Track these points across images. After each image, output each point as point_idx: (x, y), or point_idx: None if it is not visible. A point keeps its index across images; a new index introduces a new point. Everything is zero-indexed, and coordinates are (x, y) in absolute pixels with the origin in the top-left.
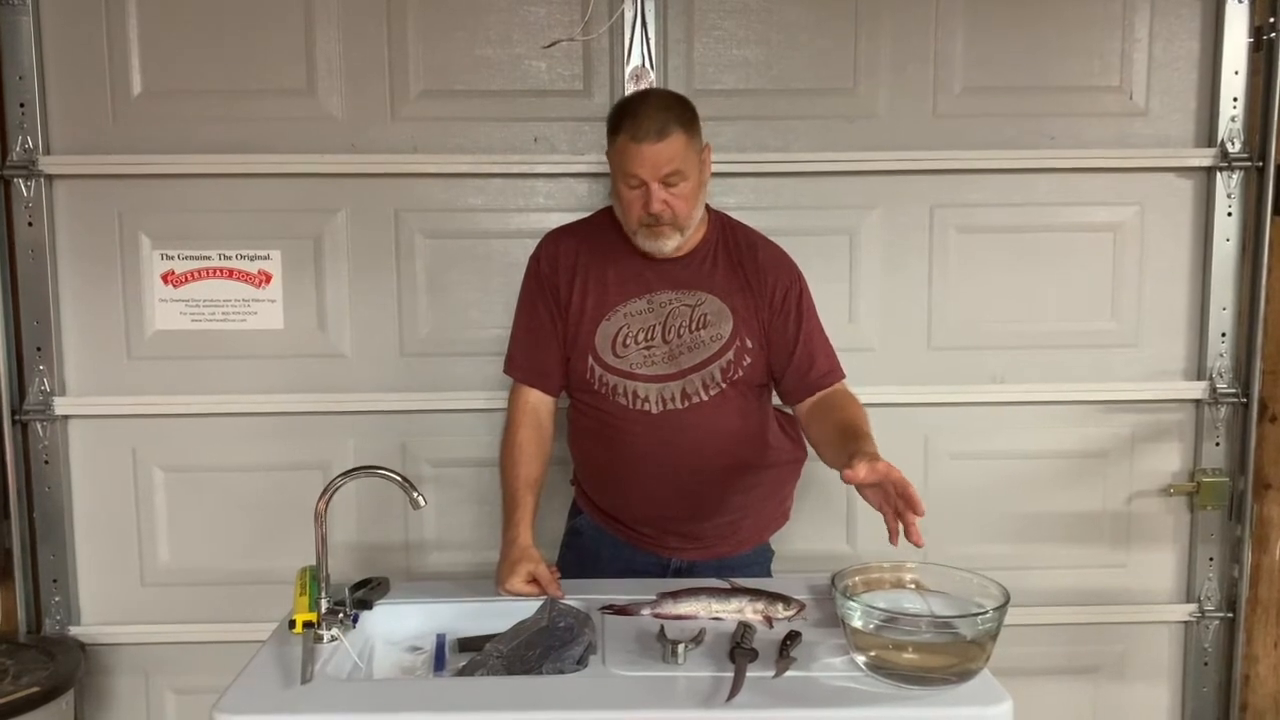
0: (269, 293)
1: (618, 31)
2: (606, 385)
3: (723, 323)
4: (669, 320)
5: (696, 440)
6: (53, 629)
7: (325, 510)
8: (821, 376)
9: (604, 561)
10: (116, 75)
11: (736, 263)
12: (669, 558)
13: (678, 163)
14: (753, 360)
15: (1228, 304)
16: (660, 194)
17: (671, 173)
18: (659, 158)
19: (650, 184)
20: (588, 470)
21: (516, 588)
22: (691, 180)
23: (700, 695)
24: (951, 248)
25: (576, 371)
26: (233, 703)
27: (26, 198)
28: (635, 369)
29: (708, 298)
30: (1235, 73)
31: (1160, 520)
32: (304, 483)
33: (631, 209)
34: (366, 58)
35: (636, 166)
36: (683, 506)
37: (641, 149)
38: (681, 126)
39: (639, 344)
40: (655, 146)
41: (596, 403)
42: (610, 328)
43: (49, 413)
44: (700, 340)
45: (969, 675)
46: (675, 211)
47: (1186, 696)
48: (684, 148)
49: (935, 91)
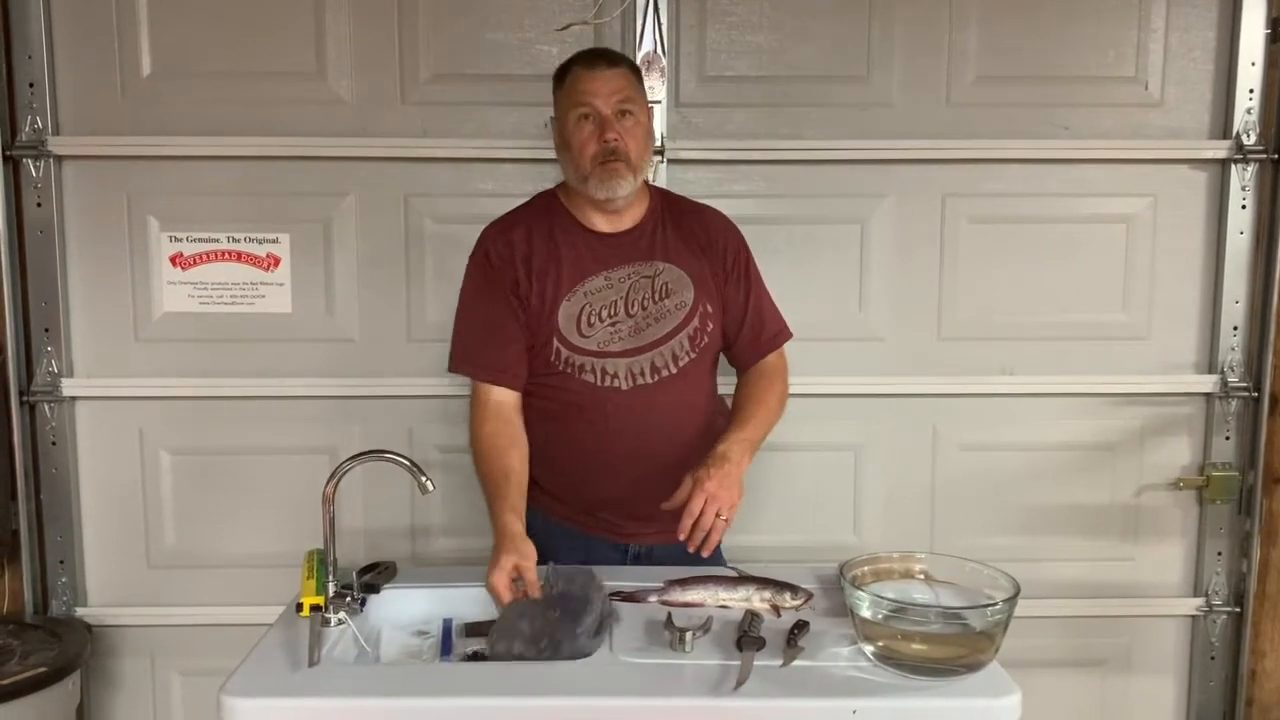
0: (277, 276)
1: (630, 16)
2: (573, 365)
3: (684, 290)
4: (630, 294)
5: (665, 414)
6: (59, 610)
7: (333, 494)
8: (772, 338)
9: (560, 554)
10: (126, 56)
11: (685, 228)
12: (626, 544)
13: (629, 91)
14: (714, 325)
15: (1240, 297)
16: (614, 124)
17: (624, 100)
18: (612, 84)
19: (604, 112)
20: (542, 457)
21: (495, 581)
22: (641, 122)
23: (707, 683)
24: (963, 238)
25: (540, 357)
26: (240, 685)
27: (35, 178)
28: (604, 346)
29: (665, 266)
30: (1252, 64)
31: (1169, 514)
32: (311, 466)
33: (586, 146)
34: (377, 41)
35: (590, 94)
36: (647, 485)
37: (595, 73)
38: (630, 67)
39: (604, 321)
40: (608, 72)
41: (561, 384)
42: (572, 308)
43: (56, 394)
44: (665, 310)
45: (978, 666)
46: (628, 148)
47: (1193, 690)
48: (634, 82)
49: (948, 80)
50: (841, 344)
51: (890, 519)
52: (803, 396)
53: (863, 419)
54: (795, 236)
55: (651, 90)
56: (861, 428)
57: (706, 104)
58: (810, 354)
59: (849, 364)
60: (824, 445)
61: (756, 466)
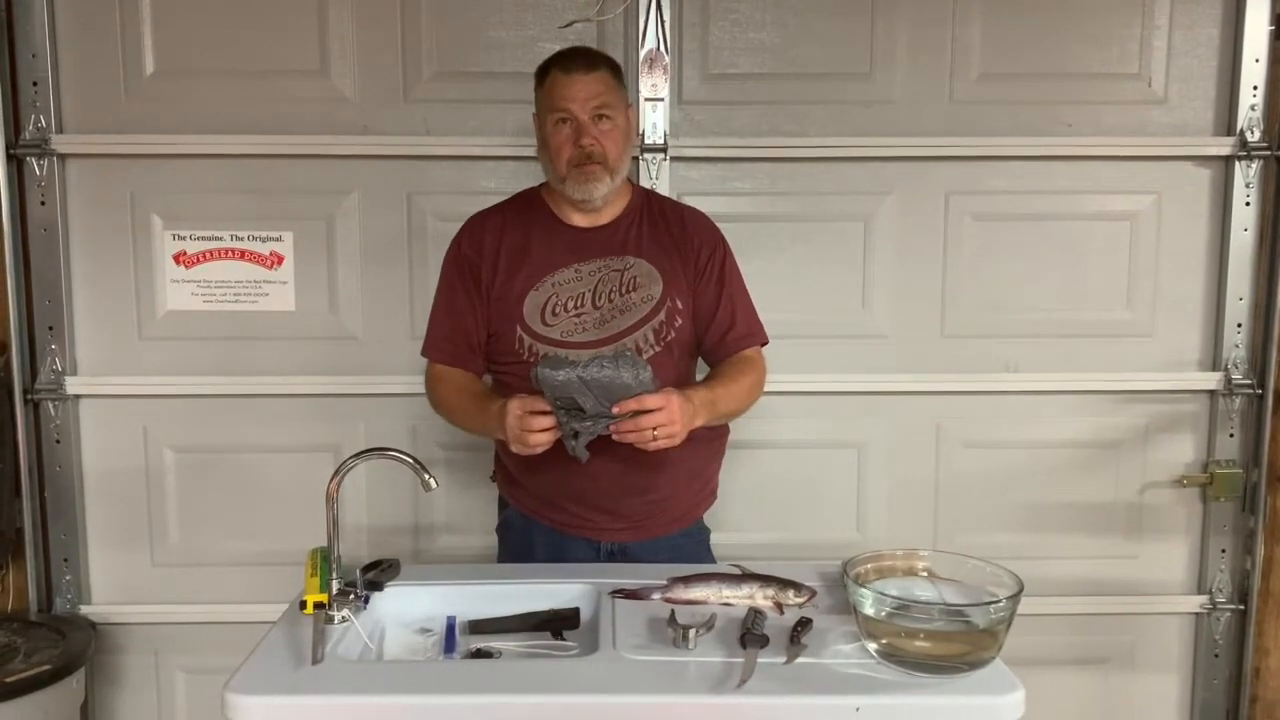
0: (280, 274)
1: (632, 14)
2: (535, 354)
3: (653, 284)
4: (599, 286)
5: None
6: (63, 608)
7: (337, 491)
8: (740, 338)
9: (537, 551)
10: (129, 55)
11: (662, 226)
12: (600, 541)
13: (606, 96)
14: (683, 321)
15: (1244, 294)
16: (590, 129)
17: (600, 105)
18: (589, 89)
19: (581, 118)
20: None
21: (513, 408)
22: (619, 125)
23: (711, 680)
24: (966, 235)
25: (505, 342)
26: (243, 682)
27: (39, 177)
28: (566, 336)
29: (636, 261)
30: (1256, 61)
31: (1173, 511)
32: (315, 464)
33: (562, 150)
34: (379, 39)
35: (567, 99)
36: (615, 479)
37: (571, 78)
38: (609, 69)
39: (569, 312)
40: (585, 77)
41: (523, 372)
42: (539, 298)
43: (60, 392)
44: (631, 303)
45: (981, 664)
46: (605, 151)
47: (1197, 688)
48: (612, 85)
49: (952, 77)
50: (845, 341)
51: (894, 516)
52: (806, 394)
53: (866, 416)
54: (798, 234)
55: (654, 88)
56: (865, 425)
57: (709, 101)
58: (814, 351)
59: (852, 361)
60: (827, 442)
61: (760, 462)
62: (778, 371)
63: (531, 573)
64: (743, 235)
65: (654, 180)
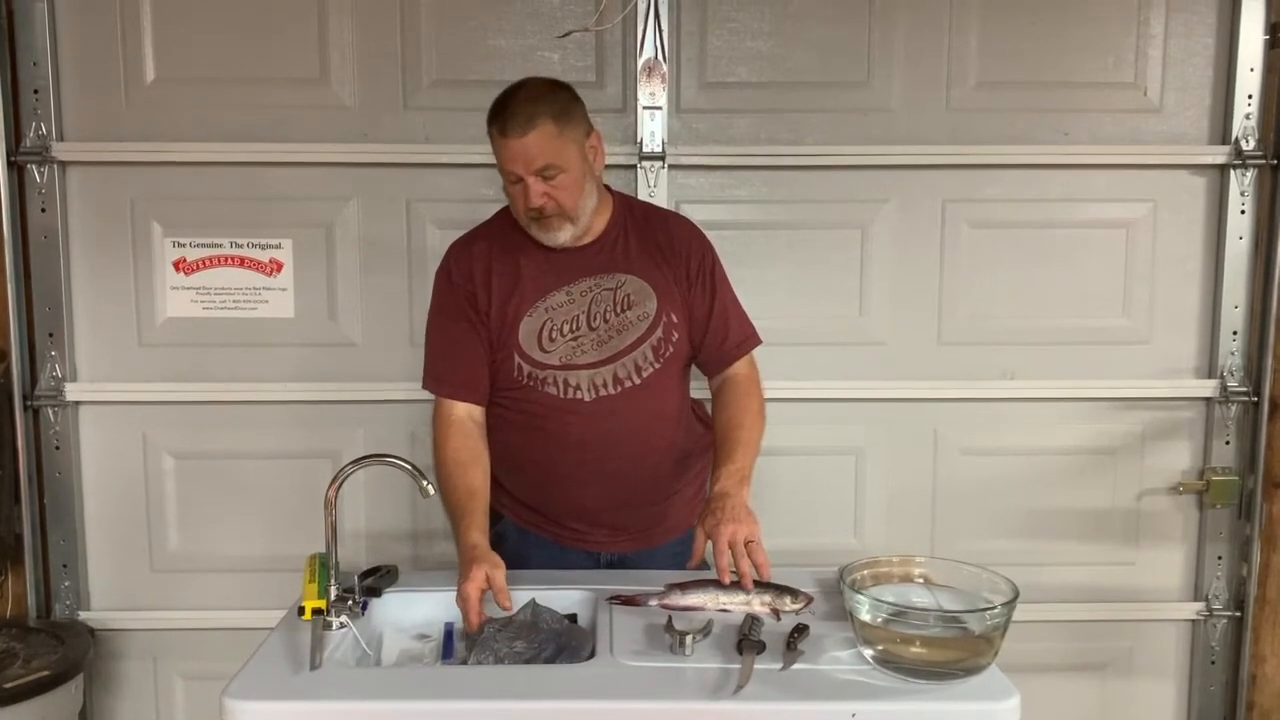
0: (280, 281)
1: (631, 22)
2: (535, 379)
3: (647, 300)
4: (592, 307)
5: (631, 425)
6: (62, 614)
7: (335, 498)
8: (736, 346)
9: (532, 563)
10: (130, 62)
11: (649, 238)
12: (598, 552)
13: (549, 155)
14: (680, 335)
15: (1240, 302)
16: (539, 187)
17: (545, 166)
18: (528, 151)
19: (526, 178)
20: (510, 466)
21: (469, 590)
22: (572, 171)
23: (707, 687)
24: (963, 242)
25: (504, 371)
26: (241, 688)
27: (40, 184)
28: (566, 360)
29: (627, 278)
30: (1250, 70)
31: (1169, 518)
32: (314, 470)
33: (516, 203)
34: (379, 47)
35: (509, 162)
36: (616, 495)
37: (509, 143)
38: (551, 118)
39: (565, 336)
40: (523, 140)
41: (524, 396)
42: (534, 324)
43: (60, 398)
44: (627, 321)
45: (977, 670)
46: (559, 203)
47: (1193, 695)
48: (555, 138)
49: (949, 86)
50: (842, 348)
51: (891, 523)
52: (804, 401)
53: (864, 423)
54: (796, 241)
55: (652, 96)
56: (862, 432)
57: (707, 109)
58: (811, 358)
59: (850, 368)
60: (825, 449)
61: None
62: (776, 378)
63: (529, 579)
64: (741, 243)
65: (652, 188)
